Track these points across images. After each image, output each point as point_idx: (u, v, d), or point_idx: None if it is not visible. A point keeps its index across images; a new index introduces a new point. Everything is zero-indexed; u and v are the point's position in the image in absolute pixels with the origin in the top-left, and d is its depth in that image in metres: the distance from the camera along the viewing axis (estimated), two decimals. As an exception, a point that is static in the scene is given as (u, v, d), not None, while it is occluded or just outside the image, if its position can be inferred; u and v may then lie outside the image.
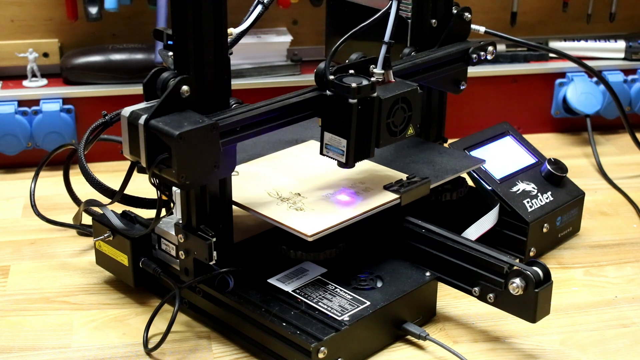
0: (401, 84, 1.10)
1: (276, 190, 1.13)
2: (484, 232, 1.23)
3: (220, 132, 0.99)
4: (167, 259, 1.12)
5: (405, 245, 1.15)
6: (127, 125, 0.98)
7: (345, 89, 1.04)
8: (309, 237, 1.03)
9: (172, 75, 0.99)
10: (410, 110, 1.10)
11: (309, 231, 1.03)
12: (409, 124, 1.10)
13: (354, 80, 1.05)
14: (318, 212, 1.08)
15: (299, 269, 1.12)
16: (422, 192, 1.15)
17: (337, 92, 1.05)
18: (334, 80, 1.05)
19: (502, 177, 1.28)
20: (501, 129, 1.36)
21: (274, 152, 1.24)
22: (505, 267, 1.05)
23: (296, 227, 1.04)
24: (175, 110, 0.98)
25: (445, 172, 1.20)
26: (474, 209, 1.27)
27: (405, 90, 1.08)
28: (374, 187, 1.14)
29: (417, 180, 1.15)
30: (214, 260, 1.04)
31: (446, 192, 1.25)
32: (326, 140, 1.07)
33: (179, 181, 0.96)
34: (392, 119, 1.08)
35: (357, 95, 1.03)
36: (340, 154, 1.06)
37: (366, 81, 1.05)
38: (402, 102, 1.08)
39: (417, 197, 1.14)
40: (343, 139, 1.05)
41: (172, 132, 0.94)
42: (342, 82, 1.04)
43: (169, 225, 1.11)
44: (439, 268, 1.12)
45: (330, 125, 1.07)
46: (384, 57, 1.08)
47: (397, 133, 1.09)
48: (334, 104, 1.05)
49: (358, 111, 1.04)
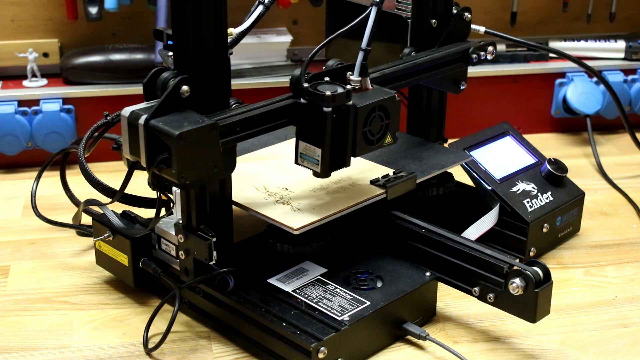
0: (379, 91, 1.07)
1: (264, 185, 1.13)
2: (484, 232, 1.23)
3: (220, 132, 0.99)
4: (167, 259, 1.12)
5: (405, 245, 1.15)
6: (127, 125, 0.98)
7: (319, 97, 1.01)
8: (294, 230, 1.04)
9: (172, 75, 0.99)
10: (388, 118, 1.07)
11: (295, 225, 1.04)
12: (386, 132, 1.07)
13: (328, 88, 1.02)
14: (305, 206, 1.09)
15: (298, 269, 1.12)
16: (408, 186, 1.15)
17: (311, 100, 1.02)
18: (309, 87, 1.02)
19: (502, 177, 1.28)
20: (501, 129, 1.36)
21: (263, 148, 1.25)
22: (505, 267, 1.05)
23: (282, 221, 1.05)
24: (175, 110, 0.98)
25: (432, 167, 1.21)
26: (474, 209, 1.27)
27: (382, 97, 1.06)
28: (360, 182, 1.14)
29: (403, 175, 1.15)
30: (214, 260, 1.04)
31: (433, 187, 1.25)
32: (301, 149, 1.05)
33: (179, 181, 0.96)
34: (369, 128, 1.05)
35: (332, 104, 1.00)
36: (315, 163, 1.04)
37: (341, 89, 1.02)
38: (379, 110, 1.06)
39: (403, 192, 1.14)
40: (318, 148, 1.03)
41: (172, 132, 0.94)
42: (317, 89, 1.01)
43: (168, 225, 1.11)
44: (439, 268, 1.12)
45: (304, 133, 1.04)
46: (360, 64, 1.06)
47: (374, 142, 1.07)
48: (308, 112, 1.03)
49: (333, 120, 1.01)
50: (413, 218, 1.16)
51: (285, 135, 1.28)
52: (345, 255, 1.15)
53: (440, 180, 1.26)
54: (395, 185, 1.13)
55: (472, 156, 1.28)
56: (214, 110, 1.03)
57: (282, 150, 1.25)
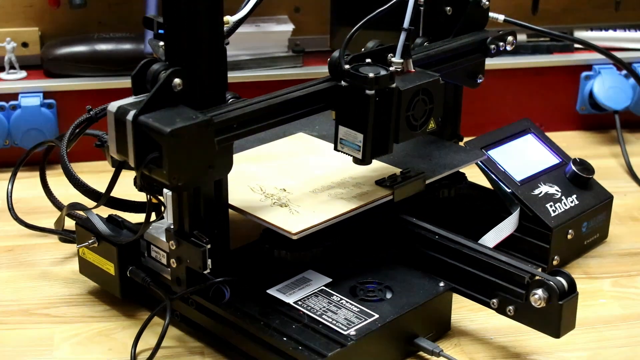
0: (422, 74, 1.11)
1: (260, 186, 1.14)
2: (503, 238, 1.23)
3: (215, 129, 0.99)
4: (158, 268, 1.12)
5: (417, 253, 1.16)
6: (114, 122, 0.98)
7: (362, 79, 1.04)
8: (293, 235, 1.04)
9: (163, 67, 0.99)
10: (432, 102, 1.10)
11: (294, 229, 1.05)
12: (430, 117, 1.11)
13: (371, 70, 1.05)
14: (304, 208, 1.09)
15: (300, 279, 1.12)
16: (417, 187, 1.16)
17: (353, 82, 1.05)
18: (350, 70, 1.05)
19: (522, 179, 1.28)
20: (522, 127, 1.36)
21: (259, 145, 1.26)
22: (527, 277, 1.05)
23: (280, 225, 1.06)
24: (167, 105, 0.98)
25: (443, 167, 1.21)
26: (492, 214, 1.28)
27: (426, 80, 1.09)
28: (365, 183, 1.15)
29: (411, 175, 1.16)
30: (208, 269, 1.04)
31: (444, 188, 1.26)
32: (341, 134, 1.08)
33: (171, 182, 0.96)
34: (412, 112, 1.09)
35: (375, 86, 1.04)
36: (356, 149, 1.07)
37: (384, 71, 1.05)
38: (423, 94, 1.09)
39: (411, 193, 1.15)
40: (359, 134, 1.06)
41: (164, 129, 0.94)
42: (359, 72, 1.05)
43: (159, 230, 1.11)
44: (453, 278, 1.12)
45: (345, 118, 1.07)
46: (403, 45, 1.09)
47: (418, 127, 1.10)
48: (349, 96, 1.06)
49: (376, 103, 1.04)
50: (424, 222, 1.17)
51: (284, 132, 1.28)
52: (351, 263, 1.15)
53: (452, 181, 1.27)
54: (402, 186, 1.14)
55: (489, 155, 1.28)
56: (209, 105, 1.03)
57: (280, 148, 1.25)
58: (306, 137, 1.29)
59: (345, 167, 1.18)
